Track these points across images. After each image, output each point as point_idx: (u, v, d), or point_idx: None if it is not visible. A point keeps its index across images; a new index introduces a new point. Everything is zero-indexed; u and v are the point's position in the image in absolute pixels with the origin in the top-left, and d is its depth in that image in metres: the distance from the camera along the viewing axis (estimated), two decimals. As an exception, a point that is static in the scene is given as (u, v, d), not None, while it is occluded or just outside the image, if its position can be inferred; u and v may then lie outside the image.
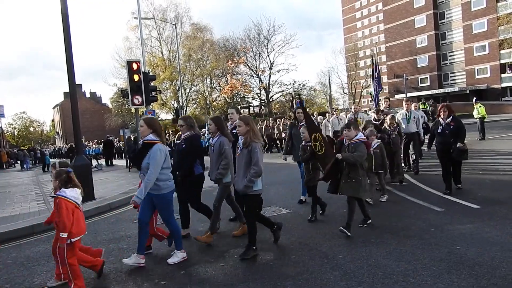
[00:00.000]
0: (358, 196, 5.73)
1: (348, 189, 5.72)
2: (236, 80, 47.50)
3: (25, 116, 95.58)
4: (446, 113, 7.74)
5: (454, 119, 7.68)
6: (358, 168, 5.66)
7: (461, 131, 7.60)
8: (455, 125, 7.62)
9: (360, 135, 5.94)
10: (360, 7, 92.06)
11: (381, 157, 7.57)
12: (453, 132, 7.60)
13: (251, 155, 5.08)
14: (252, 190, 5.14)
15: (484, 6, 45.05)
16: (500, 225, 5.52)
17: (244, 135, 5.21)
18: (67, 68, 10.29)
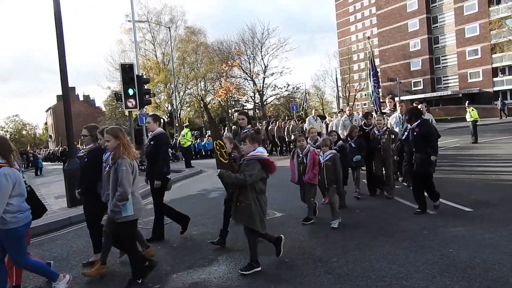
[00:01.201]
0: (249, 226, 4.72)
1: (237, 215, 4.82)
2: (230, 83, 47.50)
3: (17, 119, 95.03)
4: (407, 117, 6.99)
5: (420, 125, 6.68)
6: (248, 190, 4.65)
7: (427, 139, 6.58)
8: (420, 131, 6.62)
9: (257, 151, 4.75)
10: (353, 11, 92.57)
11: (333, 170, 6.53)
12: (416, 139, 6.68)
13: (117, 174, 4.29)
14: (120, 216, 4.35)
15: (477, 10, 45.48)
16: (492, 227, 5.56)
17: (113, 150, 4.43)
18: (60, 71, 10.24)
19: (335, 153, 6.67)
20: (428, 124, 6.86)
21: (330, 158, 6.57)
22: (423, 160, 6.50)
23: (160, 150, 6.28)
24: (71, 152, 11.08)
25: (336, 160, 6.57)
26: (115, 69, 42.30)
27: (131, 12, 21.09)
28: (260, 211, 4.73)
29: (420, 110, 7.14)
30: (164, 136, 6.49)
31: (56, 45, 10.20)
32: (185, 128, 21.59)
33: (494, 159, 12.38)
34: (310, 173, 6.51)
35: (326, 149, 6.64)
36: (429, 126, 6.83)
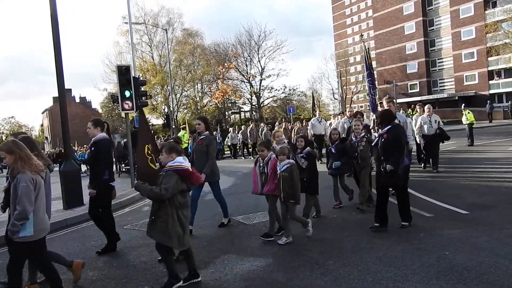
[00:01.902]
0: (165, 243, 4.39)
1: (153, 231, 4.40)
2: (227, 85, 47.48)
3: (13, 121, 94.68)
4: (378, 121, 6.34)
5: (390, 131, 6.00)
6: (166, 204, 4.30)
7: (396, 147, 5.91)
8: (389, 137, 5.95)
9: (175, 161, 4.36)
10: (350, 13, 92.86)
11: (290, 182, 5.72)
12: (384, 146, 6.00)
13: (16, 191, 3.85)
14: (18, 236, 3.86)
15: (472, 13, 45.69)
16: (488, 230, 5.58)
17: (11, 166, 4.01)
18: (56, 72, 10.22)
19: (292, 163, 5.85)
20: (399, 130, 6.09)
21: (286, 168, 5.77)
22: (390, 170, 5.83)
23: (101, 156, 5.95)
24: (67, 154, 11.05)
25: (294, 172, 5.76)
26: (111, 71, 42.25)
27: (127, 14, 21.09)
28: (179, 227, 4.32)
29: (393, 114, 6.44)
30: (105, 142, 6.11)
31: (53, 47, 10.17)
32: (182, 130, 21.57)
33: (490, 162, 12.42)
34: (271, 184, 6.03)
35: (283, 158, 5.84)
36: (399, 132, 6.04)
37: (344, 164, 7.72)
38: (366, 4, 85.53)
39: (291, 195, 5.76)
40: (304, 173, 6.48)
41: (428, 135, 11.06)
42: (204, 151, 6.80)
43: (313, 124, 15.85)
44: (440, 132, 11.03)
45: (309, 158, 6.73)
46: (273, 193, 6.06)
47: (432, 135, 11.01)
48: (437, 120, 11.13)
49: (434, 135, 10.99)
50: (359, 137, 7.56)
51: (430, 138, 11.05)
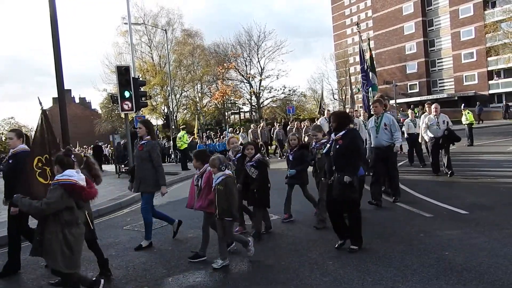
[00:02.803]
0: (51, 265, 4.08)
1: (38, 250, 4.06)
2: (227, 85, 47.49)
3: (13, 122, 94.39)
4: (334, 124, 5.37)
5: (345, 136, 5.17)
6: (50, 221, 3.92)
7: (352, 155, 5.14)
8: (344, 144, 5.12)
9: (63, 175, 3.98)
10: (349, 14, 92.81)
11: (226, 197, 4.98)
12: (338, 153, 5.17)
13: None
14: None
15: (472, 14, 45.71)
16: (487, 230, 5.58)
17: None
18: (55, 73, 10.20)
19: (228, 175, 5.09)
20: (355, 135, 5.32)
21: (221, 181, 5.03)
22: (344, 182, 5.01)
23: (22, 170, 5.25)
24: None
25: (229, 184, 5.03)
26: (111, 72, 42.23)
27: (127, 15, 21.09)
28: (65, 247, 3.89)
29: (350, 117, 5.69)
30: (26, 154, 5.47)
31: (52, 47, 10.16)
32: (181, 130, 21.58)
33: (490, 162, 12.43)
34: (203, 199, 5.39)
35: (215, 171, 5.11)
36: (356, 137, 5.24)
37: (300, 172, 6.87)
38: (365, 4, 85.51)
39: (227, 212, 4.99)
40: (254, 184, 6.04)
41: (435, 137, 10.16)
42: (145, 158, 6.15)
43: (321, 123, 14.72)
44: (448, 133, 10.01)
45: (260, 166, 6.13)
46: (205, 210, 5.43)
47: (440, 137, 10.06)
48: (445, 121, 10.17)
49: (442, 136, 10.03)
50: (319, 143, 6.59)
51: (438, 140, 10.11)
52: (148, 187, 6.19)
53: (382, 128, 7.61)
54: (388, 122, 7.63)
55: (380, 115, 7.75)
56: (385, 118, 7.68)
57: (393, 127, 7.61)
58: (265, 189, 6.20)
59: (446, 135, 10.00)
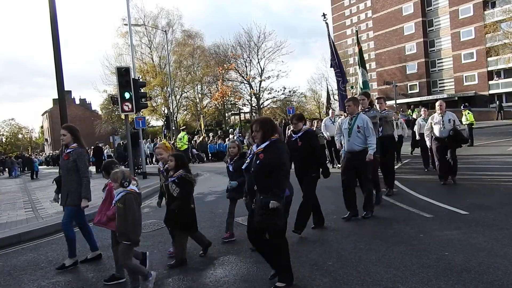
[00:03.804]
0: None
1: None
2: (227, 86, 47.52)
3: (13, 123, 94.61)
4: (258, 134, 4.33)
5: (267, 148, 4.22)
6: None
7: (277, 173, 4.12)
8: (266, 159, 4.16)
9: None
10: (349, 14, 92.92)
11: (124, 216, 4.44)
12: (259, 170, 4.22)
13: None
14: None
15: (472, 14, 45.73)
16: (487, 231, 5.58)
17: None
18: (56, 74, 10.22)
19: (128, 192, 4.48)
20: (279, 148, 4.24)
21: (120, 198, 4.47)
22: (266, 207, 4.01)
23: None
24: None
25: (128, 202, 4.42)
26: (111, 73, 42.28)
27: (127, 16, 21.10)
28: None
29: (275, 124, 4.56)
30: None
31: (52, 48, 10.18)
32: (181, 131, 21.60)
33: (490, 162, 12.43)
34: (102, 215, 4.95)
35: (116, 186, 4.55)
36: (279, 151, 4.21)
37: (242, 184, 5.47)
38: (365, 5, 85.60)
39: (123, 234, 4.45)
40: (174, 203, 5.27)
41: (440, 138, 9.21)
42: (72, 168, 5.59)
43: (326, 125, 13.26)
44: (454, 134, 9.03)
45: (182, 184, 5.27)
46: (104, 227, 5.03)
47: (445, 138, 9.13)
48: (452, 119, 9.19)
49: (447, 137, 9.11)
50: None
51: (443, 141, 9.16)
52: (78, 200, 5.59)
53: (355, 130, 6.78)
54: (362, 124, 6.76)
55: (354, 115, 6.90)
56: (359, 119, 6.83)
57: (366, 131, 6.75)
58: (187, 211, 5.30)
59: (452, 135, 9.04)
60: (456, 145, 9.24)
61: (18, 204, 12.62)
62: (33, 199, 13.30)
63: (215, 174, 16.48)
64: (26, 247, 7.09)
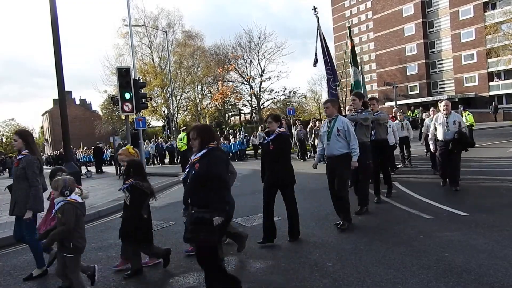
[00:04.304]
0: None
1: None
2: (227, 87, 47.55)
3: (13, 123, 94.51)
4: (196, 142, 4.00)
5: (203, 157, 3.89)
6: None
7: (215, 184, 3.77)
8: (201, 169, 3.83)
9: None
10: (350, 15, 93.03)
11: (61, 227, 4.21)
12: (194, 181, 3.93)
13: None
14: None
15: (472, 15, 45.78)
16: (487, 232, 5.58)
17: None
18: (56, 74, 10.24)
19: (68, 202, 4.27)
20: (215, 157, 3.88)
21: (59, 208, 4.27)
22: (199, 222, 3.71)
23: None
24: (68, 155, 11.06)
25: (66, 213, 4.19)
26: (111, 73, 42.36)
27: (128, 16, 21.12)
28: None
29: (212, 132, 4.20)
30: None
31: (53, 48, 10.19)
32: (182, 132, 21.60)
33: (490, 164, 12.43)
34: (48, 223, 4.86)
35: (56, 195, 4.38)
36: (216, 159, 3.86)
37: None
38: (366, 6, 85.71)
39: (64, 246, 4.24)
40: (127, 212, 5.05)
41: (444, 141, 8.60)
42: (20, 175, 5.29)
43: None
44: (459, 136, 8.37)
45: (133, 192, 4.98)
46: None
47: (450, 141, 8.47)
48: (457, 121, 8.54)
49: (452, 140, 8.45)
50: None
51: (447, 144, 8.55)
52: (24, 210, 5.22)
53: (334, 134, 6.34)
54: (342, 127, 6.32)
55: (333, 118, 6.48)
56: (338, 121, 6.39)
57: (347, 134, 6.31)
58: (134, 221, 4.91)
59: (457, 138, 8.38)
60: (461, 149, 8.60)
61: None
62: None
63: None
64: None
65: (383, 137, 8.15)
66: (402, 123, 12.85)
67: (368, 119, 7.23)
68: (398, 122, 12.64)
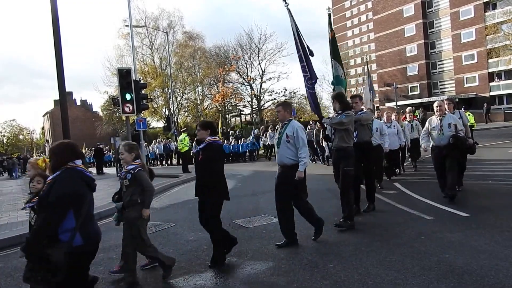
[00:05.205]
0: None
1: None
2: (228, 88, 47.57)
3: (14, 124, 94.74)
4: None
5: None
6: None
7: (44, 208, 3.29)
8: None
9: None
10: (350, 16, 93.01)
11: None
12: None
13: None
14: None
15: (472, 15, 45.76)
16: (488, 233, 5.57)
17: None
18: (57, 75, 10.22)
19: None
20: (62, 179, 3.25)
21: None
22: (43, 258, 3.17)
23: None
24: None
25: None
26: (112, 74, 42.44)
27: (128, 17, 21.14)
28: None
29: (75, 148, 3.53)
30: None
31: (54, 49, 10.17)
32: (182, 133, 21.60)
33: (491, 164, 12.41)
34: None
35: None
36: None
37: None
38: (366, 6, 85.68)
39: None
40: None
41: (439, 146, 7.71)
42: None
43: None
44: (454, 141, 7.42)
45: None
46: None
47: (444, 147, 7.58)
48: (452, 123, 7.58)
49: (447, 146, 7.52)
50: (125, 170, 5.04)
51: (441, 150, 7.66)
52: None
53: (284, 140, 5.67)
54: (291, 133, 5.63)
55: (285, 122, 5.81)
56: (288, 127, 5.70)
57: (296, 141, 5.60)
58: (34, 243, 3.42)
59: (452, 143, 7.45)
60: (457, 155, 7.63)
61: (19, 205, 12.61)
62: (34, 201, 13.29)
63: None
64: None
65: (365, 139, 7.28)
66: (412, 124, 12.23)
67: (343, 123, 6.39)
68: (407, 123, 12.09)
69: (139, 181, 4.83)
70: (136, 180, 4.84)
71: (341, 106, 6.62)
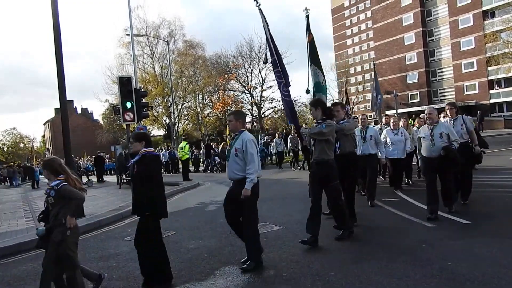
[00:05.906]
0: None
1: None
2: (228, 96, 47.66)
3: (15, 132, 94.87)
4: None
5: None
6: None
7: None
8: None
9: None
10: (350, 24, 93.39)
11: None
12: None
13: None
14: None
15: (471, 24, 45.99)
16: (490, 240, 5.54)
17: None
18: (58, 84, 10.27)
19: None
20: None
21: None
22: None
23: None
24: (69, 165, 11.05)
25: None
26: (113, 82, 42.49)
27: (129, 26, 21.26)
28: None
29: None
30: None
31: (55, 58, 10.23)
32: (183, 141, 21.62)
33: (491, 171, 12.38)
34: None
35: None
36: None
37: None
38: (366, 15, 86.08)
39: None
40: None
41: (430, 158, 7.05)
42: None
43: None
44: (445, 153, 6.77)
45: None
46: None
47: (435, 158, 6.94)
48: (445, 133, 6.90)
49: (438, 159, 6.89)
50: (48, 187, 4.58)
51: (432, 162, 7.02)
52: None
53: (233, 153, 5.17)
54: (239, 147, 5.12)
55: (236, 134, 5.30)
56: (238, 140, 5.19)
57: (245, 155, 5.08)
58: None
59: (443, 155, 6.82)
60: (449, 168, 7.02)
61: (19, 214, 12.59)
62: (34, 209, 13.27)
63: (216, 184, 16.47)
64: (26, 256, 7.05)
65: (348, 150, 6.83)
66: None
67: (324, 133, 5.94)
68: (416, 129, 11.16)
69: (67, 197, 4.36)
70: (62, 196, 4.36)
71: (322, 114, 6.13)
